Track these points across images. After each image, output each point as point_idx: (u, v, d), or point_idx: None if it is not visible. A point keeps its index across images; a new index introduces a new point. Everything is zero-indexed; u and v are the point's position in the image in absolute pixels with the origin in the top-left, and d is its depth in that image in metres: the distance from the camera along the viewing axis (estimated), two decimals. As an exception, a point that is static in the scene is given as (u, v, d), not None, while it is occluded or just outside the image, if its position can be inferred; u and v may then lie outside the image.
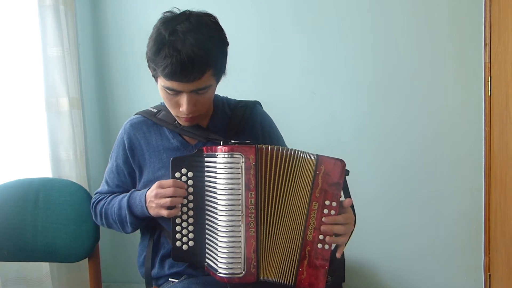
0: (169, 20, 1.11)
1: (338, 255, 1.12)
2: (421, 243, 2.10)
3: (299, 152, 1.11)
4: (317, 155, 1.10)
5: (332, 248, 1.12)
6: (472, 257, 2.07)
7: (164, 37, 1.07)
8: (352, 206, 1.17)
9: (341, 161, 1.10)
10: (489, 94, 1.96)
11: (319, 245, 1.09)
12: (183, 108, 1.14)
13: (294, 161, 1.10)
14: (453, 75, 2.02)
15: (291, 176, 1.10)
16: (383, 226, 2.11)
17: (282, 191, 1.10)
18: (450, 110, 2.04)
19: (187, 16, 1.11)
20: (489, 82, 1.95)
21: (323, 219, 1.09)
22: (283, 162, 1.10)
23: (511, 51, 1.79)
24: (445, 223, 2.08)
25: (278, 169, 1.10)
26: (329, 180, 1.09)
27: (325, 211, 1.09)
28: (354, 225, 1.17)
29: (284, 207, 1.10)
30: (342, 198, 1.13)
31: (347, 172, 1.12)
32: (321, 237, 1.09)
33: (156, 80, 1.16)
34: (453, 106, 2.03)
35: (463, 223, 2.06)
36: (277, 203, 1.10)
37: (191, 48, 1.05)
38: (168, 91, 1.12)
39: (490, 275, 2.03)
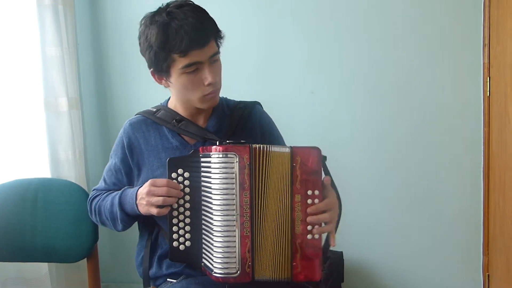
0: (155, 12, 1.16)
1: (332, 243, 1.13)
2: (419, 243, 2.10)
3: (275, 148, 1.11)
4: (291, 147, 1.11)
5: (323, 237, 1.12)
6: (471, 257, 2.07)
7: (164, 20, 1.11)
8: (336, 190, 1.18)
9: (316, 148, 1.11)
10: (488, 95, 1.96)
11: (309, 236, 1.09)
12: (209, 78, 1.15)
13: (271, 157, 1.10)
14: (452, 76, 2.02)
15: (272, 172, 1.10)
16: (382, 226, 2.11)
17: (271, 189, 1.10)
18: (449, 110, 2.04)
19: (169, 3, 1.16)
20: (488, 83, 1.96)
21: (307, 210, 1.09)
22: (270, 159, 1.10)
23: (510, 51, 1.79)
24: (444, 223, 2.08)
25: (270, 167, 1.10)
26: (307, 170, 1.09)
27: (309, 201, 1.09)
28: (340, 209, 1.17)
29: (274, 205, 1.10)
30: None
31: (325, 158, 1.12)
32: (309, 227, 1.09)
33: (170, 74, 1.17)
34: (452, 107, 2.03)
35: (462, 223, 2.06)
36: (270, 202, 1.10)
37: (192, 13, 1.11)
38: (188, 70, 1.13)
39: (489, 275, 2.03)
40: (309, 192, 1.09)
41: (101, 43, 2.26)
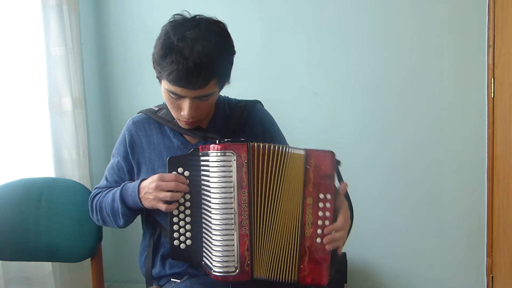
0: (179, 24, 1.10)
1: (339, 252, 1.13)
2: (423, 244, 2.10)
3: (287, 148, 1.11)
4: (306, 150, 1.10)
5: None
6: (475, 259, 2.07)
7: (172, 42, 1.07)
8: (348, 198, 1.17)
9: (331, 152, 1.10)
10: (493, 96, 1.96)
11: (318, 240, 1.09)
12: (184, 112, 1.14)
13: (283, 158, 1.10)
14: (457, 76, 2.02)
15: (282, 173, 1.10)
16: (386, 227, 2.10)
17: (274, 188, 1.10)
18: (453, 111, 2.03)
19: (197, 22, 1.11)
20: (493, 84, 1.95)
21: (323, 230, 1.08)
22: (274, 159, 1.10)
23: (514, 52, 1.79)
24: (448, 224, 2.07)
25: (270, 166, 1.10)
26: (321, 173, 1.09)
27: (321, 204, 1.09)
28: (352, 219, 1.17)
29: (278, 204, 1.10)
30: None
31: (339, 163, 1.11)
32: (319, 231, 1.09)
33: (160, 82, 1.17)
34: (456, 108, 2.03)
35: (465, 224, 2.06)
36: (270, 201, 1.10)
37: (199, 56, 1.05)
38: (171, 94, 1.13)
39: (492, 276, 2.02)
40: (321, 196, 1.09)
41: (105, 43, 2.26)
